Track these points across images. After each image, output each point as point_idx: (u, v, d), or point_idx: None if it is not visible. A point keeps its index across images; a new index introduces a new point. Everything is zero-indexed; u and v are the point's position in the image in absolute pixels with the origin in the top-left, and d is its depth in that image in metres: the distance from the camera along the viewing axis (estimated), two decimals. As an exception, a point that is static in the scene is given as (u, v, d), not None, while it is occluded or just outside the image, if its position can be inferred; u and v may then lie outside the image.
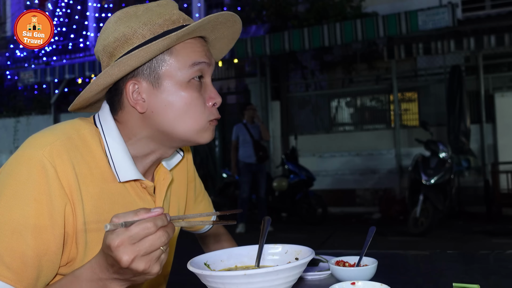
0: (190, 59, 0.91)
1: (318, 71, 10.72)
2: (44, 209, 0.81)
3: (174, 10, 0.95)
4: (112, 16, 0.96)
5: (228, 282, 0.80)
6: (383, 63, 9.58)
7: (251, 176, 6.51)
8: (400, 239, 5.72)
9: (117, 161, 0.92)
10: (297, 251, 0.97)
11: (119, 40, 0.91)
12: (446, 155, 5.97)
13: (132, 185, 0.96)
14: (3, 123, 11.53)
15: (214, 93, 0.96)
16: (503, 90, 8.32)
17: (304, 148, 8.76)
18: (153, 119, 0.92)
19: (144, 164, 0.99)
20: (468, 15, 8.82)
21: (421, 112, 8.97)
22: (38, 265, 0.81)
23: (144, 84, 0.91)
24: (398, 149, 8.42)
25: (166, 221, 0.70)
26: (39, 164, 0.82)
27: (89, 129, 0.93)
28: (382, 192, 8.40)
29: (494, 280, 1.03)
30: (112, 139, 0.93)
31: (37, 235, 0.81)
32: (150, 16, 0.92)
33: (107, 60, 0.93)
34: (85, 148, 0.90)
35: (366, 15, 8.58)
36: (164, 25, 0.91)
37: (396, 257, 1.37)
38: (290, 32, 7.90)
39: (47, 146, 0.84)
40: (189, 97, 0.92)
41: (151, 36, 0.90)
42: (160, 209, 0.70)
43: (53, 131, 0.89)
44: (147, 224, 0.68)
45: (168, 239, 0.70)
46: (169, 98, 0.91)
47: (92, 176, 0.89)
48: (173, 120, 0.92)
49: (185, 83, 0.91)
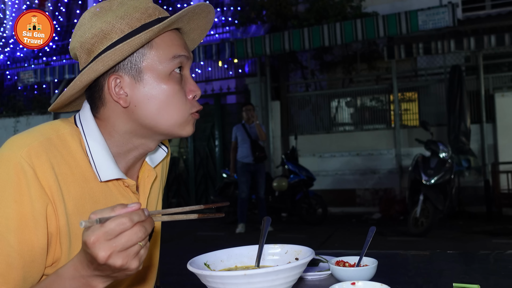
0: (170, 52, 0.92)
1: (318, 71, 10.71)
2: (25, 210, 0.81)
3: (149, 3, 0.95)
4: (86, 12, 0.95)
5: (228, 282, 0.80)
6: (383, 63, 9.58)
7: (250, 176, 6.51)
8: (400, 239, 5.72)
9: (98, 161, 0.92)
10: (297, 251, 0.97)
11: (97, 36, 0.90)
12: (446, 155, 5.97)
13: (114, 184, 0.96)
14: (2, 123, 11.53)
15: (194, 86, 0.97)
16: (503, 90, 8.31)
17: (304, 148, 8.76)
18: (136, 113, 0.92)
19: (127, 161, 0.98)
20: (468, 15, 8.82)
21: (421, 112, 8.97)
22: (23, 266, 0.82)
23: (126, 78, 0.91)
24: (398, 149, 8.42)
25: (143, 216, 0.69)
26: (17, 166, 0.82)
27: (69, 129, 0.93)
28: (382, 192, 8.40)
29: (494, 280, 1.03)
30: (93, 138, 0.93)
31: (20, 237, 0.81)
32: (126, 10, 0.91)
33: (86, 57, 0.93)
34: (64, 148, 0.90)
35: (366, 15, 8.58)
36: (142, 18, 0.91)
37: (396, 257, 1.37)
38: (290, 32, 7.90)
39: (25, 148, 0.84)
40: (171, 89, 0.92)
41: (130, 30, 0.90)
42: (137, 204, 0.69)
43: (32, 133, 0.89)
44: (122, 219, 0.67)
45: (145, 234, 0.69)
46: (151, 91, 0.91)
47: (73, 176, 0.89)
48: (156, 113, 0.92)
49: (166, 76, 0.92)
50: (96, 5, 0.94)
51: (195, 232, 6.78)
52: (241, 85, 9.97)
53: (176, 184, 9.55)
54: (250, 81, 9.47)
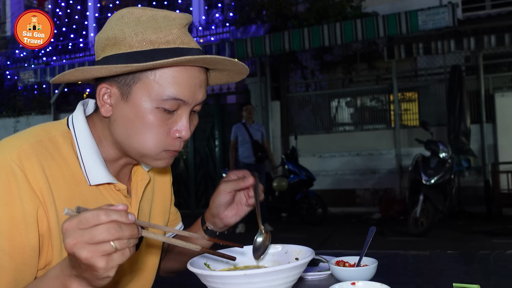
0: (165, 91, 0.87)
1: (318, 71, 10.72)
2: (16, 213, 0.81)
3: (175, 29, 0.89)
4: (120, 10, 0.93)
5: (228, 282, 0.80)
6: (383, 63, 9.58)
7: None
8: (400, 239, 5.72)
9: (88, 164, 0.91)
10: (297, 251, 0.97)
11: (110, 40, 0.89)
12: (446, 155, 5.97)
13: (105, 188, 0.95)
14: (3, 123, 11.53)
15: (184, 128, 0.91)
16: (503, 90, 8.32)
17: (304, 148, 8.76)
18: (114, 127, 0.92)
19: (115, 167, 0.98)
20: (468, 15, 8.83)
21: (421, 112, 8.97)
22: (15, 269, 0.81)
23: (115, 90, 0.90)
24: (398, 149, 8.42)
25: (124, 218, 0.66)
26: (7, 168, 0.82)
27: (61, 130, 0.93)
28: (382, 192, 8.41)
29: (494, 280, 1.03)
30: (84, 141, 0.93)
31: (11, 239, 0.80)
32: (146, 27, 0.88)
33: (100, 53, 0.92)
34: (55, 151, 0.89)
35: (366, 15, 8.58)
36: (156, 42, 0.87)
37: (396, 257, 1.37)
38: (290, 32, 7.90)
39: (15, 150, 0.84)
40: (150, 122, 0.88)
41: (138, 49, 0.86)
42: (123, 206, 0.67)
43: (22, 135, 0.89)
44: (98, 212, 0.64)
45: (119, 233, 0.64)
46: (130, 115, 0.88)
47: (63, 178, 0.88)
48: (128, 137, 0.90)
49: (151, 108, 0.87)
50: (132, 8, 0.92)
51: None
52: (241, 85, 9.97)
53: (176, 184, 9.53)
54: (250, 81, 9.47)
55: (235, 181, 1.04)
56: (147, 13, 0.90)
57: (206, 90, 0.96)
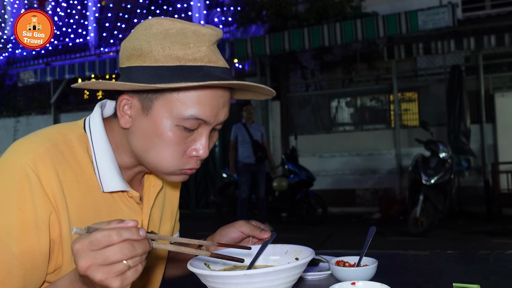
0: (188, 110, 0.85)
1: (318, 71, 10.72)
2: (28, 217, 0.80)
3: (204, 47, 0.86)
4: (150, 19, 0.89)
5: (228, 282, 0.80)
6: (383, 63, 9.58)
7: (250, 176, 6.50)
8: (400, 239, 5.72)
9: (103, 171, 0.90)
10: (297, 251, 0.97)
11: (135, 51, 0.87)
12: (446, 155, 5.97)
13: (118, 194, 0.95)
14: (3, 123, 11.53)
15: (202, 147, 0.89)
16: (503, 90, 8.32)
17: (304, 148, 8.76)
18: (132, 139, 0.90)
19: (129, 174, 0.98)
20: (468, 15, 8.83)
21: (421, 112, 8.97)
22: (24, 273, 0.81)
23: (136, 103, 0.88)
24: (398, 149, 8.42)
25: (135, 235, 0.65)
26: (22, 172, 0.81)
27: (77, 134, 0.92)
28: (382, 192, 8.41)
29: (494, 280, 1.03)
30: (100, 147, 0.91)
31: (22, 244, 0.80)
32: (173, 42, 0.85)
33: (123, 60, 0.90)
34: (70, 154, 0.88)
35: (366, 15, 8.58)
36: (183, 59, 0.84)
37: (396, 257, 1.36)
38: (290, 32, 7.90)
39: (30, 153, 0.83)
40: (169, 140, 0.87)
41: (163, 64, 0.84)
42: (133, 222, 0.66)
43: (38, 137, 0.88)
44: (110, 232, 0.64)
45: (132, 253, 0.64)
46: (149, 129, 0.87)
47: (77, 183, 0.88)
48: (145, 151, 0.89)
49: (172, 126, 0.86)
50: (163, 18, 0.89)
51: (195, 232, 6.79)
52: (241, 85, 9.95)
53: (176, 184, 9.53)
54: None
55: (253, 227, 1.05)
56: (176, 25, 0.87)
57: (229, 109, 0.94)
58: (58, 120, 10.88)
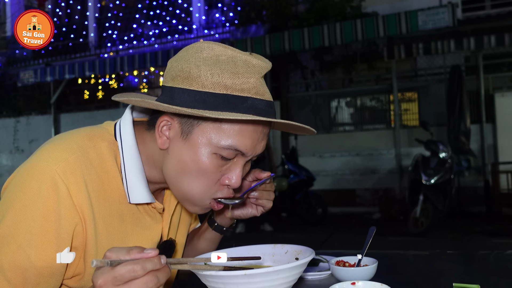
0: (228, 140, 0.84)
1: (318, 71, 10.72)
2: (50, 227, 0.80)
3: (253, 78, 0.85)
4: (202, 43, 0.88)
5: (228, 282, 0.80)
6: (383, 63, 9.58)
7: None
8: (400, 239, 5.72)
9: (131, 182, 0.89)
10: (297, 251, 0.97)
11: (183, 73, 0.85)
12: (446, 155, 5.97)
13: (143, 205, 0.95)
14: (3, 123, 11.53)
15: (235, 177, 0.88)
16: (503, 90, 8.32)
17: (304, 148, 8.76)
18: (166, 160, 0.89)
19: (155, 186, 0.98)
20: (468, 15, 8.83)
21: (421, 112, 8.97)
22: (40, 282, 0.81)
23: (176, 125, 0.87)
24: (398, 149, 8.42)
25: (158, 265, 0.66)
26: (50, 181, 0.80)
27: (107, 141, 0.90)
28: (382, 192, 8.40)
29: (494, 280, 1.03)
30: (129, 157, 0.90)
31: (41, 253, 0.80)
32: (224, 69, 0.83)
33: (168, 79, 0.88)
34: (99, 163, 0.87)
35: (366, 15, 8.59)
36: (230, 88, 0.83)
37: (396, 257, 1.37)
38: (290, 32, 7.90)
39: (61, 162, 0.82)
40: (205, 167, 0.86)
41: (210, 90, 0.82)
42: (154, 251, 0.66)
43: (69, 144, 0.86)
44: (134, 267, 0.64)
45: (157, 285, 0.65)
46: (186, 156, 0.86)
47: (104, 193, 0.87)
48: (178, 176, 0.88)
49: (209, 153, 0.85)
50: (217, 44, 0.87)
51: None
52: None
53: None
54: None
55: (252, 170, 1.06)
56: (227, 53, 0.85)
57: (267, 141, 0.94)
58: (58, 120, 10.87)
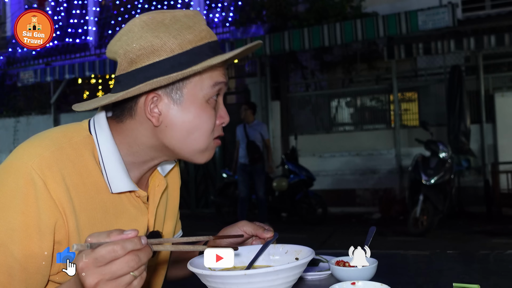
0: (212, 79, 0.91)
1: (318, 71, 10.71)
2: (31, 222, 0.80)
3: (203, 26, 0.92)
4: (137, 19, 0.90)
5: (228, 282, 0.80)
6: (383, 63, 9.58)
7: (248, 176, 6.49)
8: (400, 239, 5.72)
9: (110, 172, 0.90)
10: (297, 251, 0.97)
11: (146, 49, 0.87)
12: (446, 155, 5.97)
13: (126, 195, 0.94)
14: (3, 123, 11.53)
15: (225, 112, 0.97)
16: (503, 90, 8.32)
17: (304, 148, 8.76)
18: (165, 133, 0.91)
19: (141, 170, 0.97)
20: (468, 15, 8.82)
21: (421, 112, 8.97)
22: (26, 278, 0.81)
23: (165, 99, 0.89)
24: (398, 149, 8.42)
25: (139, 244, 0.66)
26: (27, 176, 0.80)
27: (83, 136, 0.91)
28: (382, 192, 8.40)
29: (494, 280, 1.03)
30: (107, 148, 0.91)
31: (24, 249, 0.80)
32: (179, 28, 0.88)
33: (126, 66, 0.89)
34: (77, 158, 0.87)
35: (366, 15, 8.58)
36: (193, 41, 0.88)
37: (396, 257, 1.37)
38: (290, 32, 7.90)
39: (36, 158, 0.82)
40: (205, 116, 0.91)
41: (180, 51, 0.87)
42: (134, 232, 0.66)
43: (44, 140, 0.86)
44: (114, 247, 0.64)
45: (138, 264, 0.65)
46: (186, 116, 0.90)
47: (84, 186, 0.87)
48: (184, 137, 0.91)
49: (204, 103, 0.91)
50: (148, 14, 0.90)
51: (195, 232, 6.77)
52: (241, 85, 9.97)
53: (176, 184, 9.53)
54: (250, 81, 9.47)
55: (256, 226, 1.06)
56: (165, 15, 0.90)
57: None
58: (58, 120, 10.87)
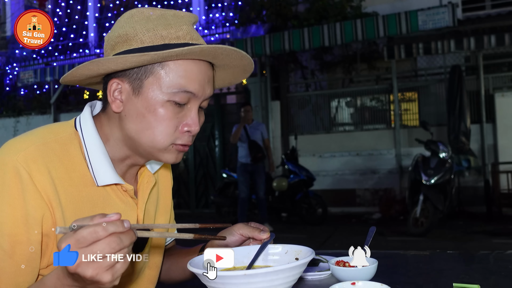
0: (177, 84, 0.89)
1: (318, 71, 10.71)
2: (18, 214, 0.81)
3: (185, 26, 0.92)
4: (130, 11, 0.95)
5: (228, 282, 0.80)
6: (383, 63, 9.58)
7: (249, 176, 6.48)
8: (400, 239, 5.72)
9: (96, 165, 0.92)
10: (297, 251, 0.97)
11: (121, 38, 0.91)
12: (446, 155, 5.97)
13: (113, 189, 0.96)
14: (3, 123, 11.52)
15: (193, 122, 0.93)
16: (503, 90, 8.31)
17: (304, 148, 8.76)
18: (124, 123, 0.92)
19: (121, 167, 0.99)
20: (468, 15, 8.82)
21: (421, 112, 8.96)
22: (15, 270, 0.81)
23: (127, 86, 0.91)
24: (398, 149, 8.42)
25: (121, 227, 0.66)
26: (13, 170, 0.82)
27: (68, 132, 0.93)
28: (382, 192, 8.40)
29: (494, 280, 1.03)
30: (91, 142, 0.93)
31: (13, 241, 0.80)
32: (156, 24, 0.91)
33: (109, 51, 0.94)
34: (62, 152, 0.89)
35: (366, 15, 8.58)
36: (167, 37, 0.90)
37: (396, 257, 1.36)
38: (290, 32, 7.90)
39: (21, 152, 0.84)
40: (161, 115, 0.90)
41: (149, 44, 0.89)
42: (116, 215, 0.66)
43: (29, 136, 0.89)
44: (95, 228, 0.64)
45: (120, 245, 0.65)
46: (141, 109, 0.90)
47: (70, 180, 0.89)
48: (139, 131, 0.91)
49: (163, 101, 0.89)
50: (141, 8, 0.95)
51: (195, 232, 6.77)
52: (241, 85, 9.97)
53: (176, 184, 9.50)
54: (250, 81, 9.47)
55: (252, 228, 1.05)
56: (156, 12, 0.93)
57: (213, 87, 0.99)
58: (58, 120, 10.87)
